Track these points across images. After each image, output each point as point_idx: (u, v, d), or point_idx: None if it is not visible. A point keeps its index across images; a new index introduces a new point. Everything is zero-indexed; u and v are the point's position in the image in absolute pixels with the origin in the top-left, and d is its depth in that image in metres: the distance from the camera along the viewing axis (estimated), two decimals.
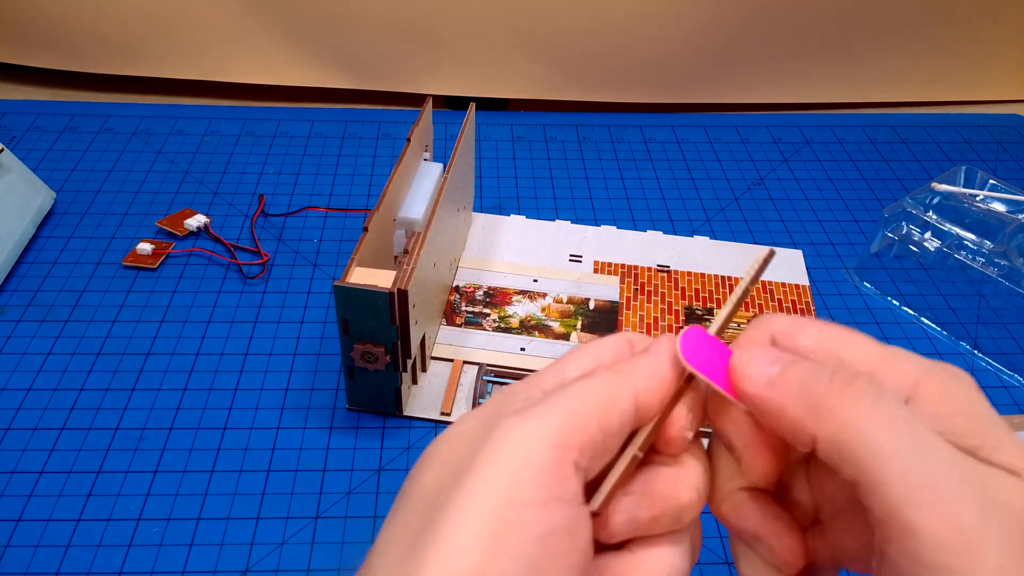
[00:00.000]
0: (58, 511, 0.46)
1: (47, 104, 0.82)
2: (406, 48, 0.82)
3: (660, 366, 0.25)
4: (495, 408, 0.25)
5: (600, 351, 0.27)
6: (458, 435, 0.24)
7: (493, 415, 0.24)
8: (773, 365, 0.24)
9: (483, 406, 0.26)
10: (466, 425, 0.25)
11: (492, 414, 0.24)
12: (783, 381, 0.24)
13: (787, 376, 0.24)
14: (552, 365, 0.27)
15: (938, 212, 0.59)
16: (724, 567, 0.44)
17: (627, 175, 0.75)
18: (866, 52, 0.85)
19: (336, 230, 0.67)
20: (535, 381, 0.26)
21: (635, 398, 0.24)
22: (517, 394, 0.25)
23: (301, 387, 0.54)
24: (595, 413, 0.23)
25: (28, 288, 0.60)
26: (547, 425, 0.23)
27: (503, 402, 0.25)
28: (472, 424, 0.25)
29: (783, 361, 0.24)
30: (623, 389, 0.24)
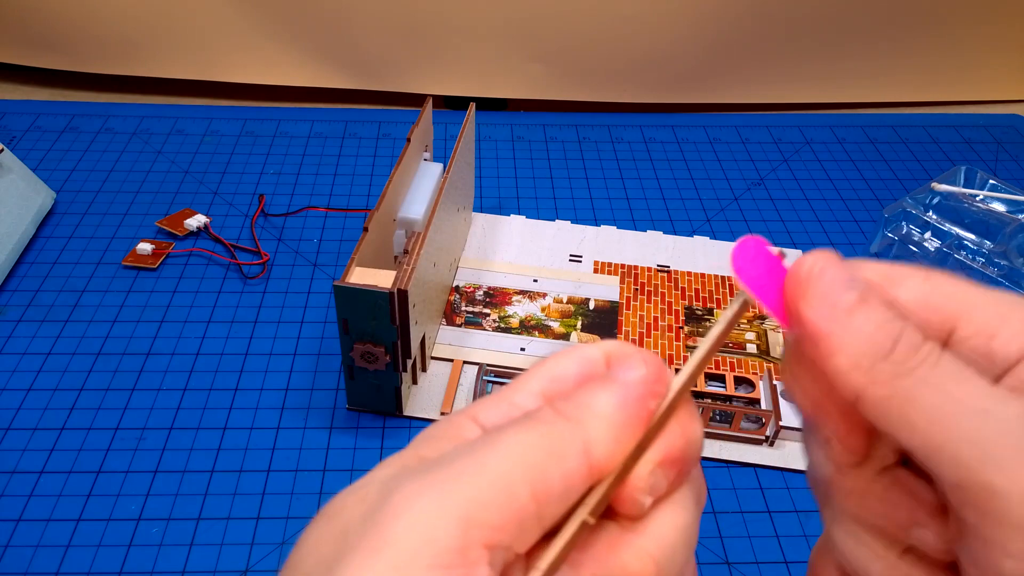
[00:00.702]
0: (58, 511, 0.46)
1: (47, 104, 0.82)
2: (406, 48, 0.82)
3: (622, 406, 0.20)
4: (405, 461, 0.20)
5: (561, 371, 0.22)
6: (352, 501, 0.20)
7: (400, 471, 0.20)
8: (847, 291, 0.20)
9: (398, 455, 0.21)
10: (364, 487, 0.20)
11: (400, 470, 0.20)
12: (849, 319, 0.19)
13: (853, 317, 0.19)
14: (504, 389, 0.22)
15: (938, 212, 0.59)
16: (724, 567, 0.44)
17: (627, 175, 0.75)
18: (866, 52, 0.85)
19: (336, 230, 0.67)
20: (471, 413, 0.21)
21: (586, 455, 0.19)
22: (438, 438, 0.21)
23: (301, 387, 0.54)
24: (525, 478, 0.18)
25: (28, 288, 0.60)
26: (453, 498, 0.18)
27: (420, 447, 0.21)
28: (372, 485, 0.20)
29: (854, 292, 0.20)
30: (569, 443, 0.19)
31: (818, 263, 0.20)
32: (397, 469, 0.20)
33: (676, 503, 0.21)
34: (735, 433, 0.50)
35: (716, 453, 0.50)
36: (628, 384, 0.20)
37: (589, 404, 0.20)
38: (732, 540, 0.46)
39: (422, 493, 0.18)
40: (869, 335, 0.19)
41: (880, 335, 0.19)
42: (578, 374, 0.22)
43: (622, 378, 0.20)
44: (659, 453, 0.20)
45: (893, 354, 0.19)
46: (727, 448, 0.50)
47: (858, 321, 0.19)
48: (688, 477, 0.21)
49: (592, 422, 0.19)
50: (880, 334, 0.19)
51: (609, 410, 0.20)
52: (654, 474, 0.20)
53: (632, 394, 0.20)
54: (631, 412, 0.20)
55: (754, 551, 0.45)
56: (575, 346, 0.22)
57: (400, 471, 0.20)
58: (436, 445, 0.20)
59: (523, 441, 0.19)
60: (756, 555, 0.45)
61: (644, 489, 0.20)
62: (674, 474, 0.20)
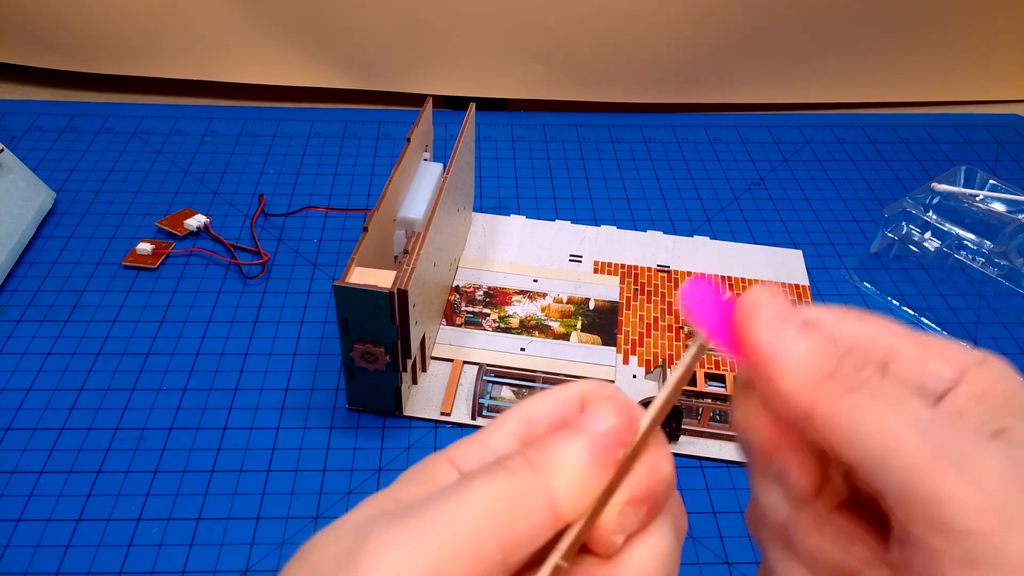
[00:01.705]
0: (58, 511, 0.46)
1: (47, 104, 0.82)
2: (406, 48, 0.82)
3: (590, 457, 0.20)
4: (381, 504, 0.21)
5: (536, 413, 0.22)
6: (326, 543, 0.20)
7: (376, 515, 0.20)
8: (787, 319, 0.21)
9: (375, 496, 0.21)
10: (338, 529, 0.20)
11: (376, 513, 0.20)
12: (793, 341, 0.21)
13: (801, 338, 0.21)
14: (481, 430, 0.23)
15: (938, 212, 0.59)
16: (724, 567, 0.44)
17: (627, 175, 0.75)
18: (866, 52, 0.85)
19: (336, 230, 0.67)
20: (449, 456, 0.22)
21: (551, 507, 0.20)
22: (415, 481, 0.22)
23: (301, 387, 0.54)
24: (492, 532, 0.19)
25: (28, 288, 0.60)
26: (423, 551, 0.19)
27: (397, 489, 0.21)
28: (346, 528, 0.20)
29: (798, 319, 0.21)
30: (535, 496, 0.20)
31: (763, 295, 0.21)
32: (373, 512, 0.20)
33: (652, 533, 0.21)
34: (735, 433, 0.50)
35: (716, 453, 0.50)
36: (597, 435, 0.21)
37: (557, 454, 0.20)
38: (732, 540, 0.46)
39: (394, 543, 0.19)
40: (815, 354, 0.21)
41: (825, 355, 0.21)
42: (552, 416, 0.22)
43: (591, 428, 0.21)
44: (627, 494, 0.21)
45: (839, 371, 0.20)
46: (727, 448, 0.50)
47: (804, 342, 0.21)
48: (662, 508, 0.22)
49: (559, 473, 0.20)
50: (825, 354, 0.21)
51: (576, 461, 0.20)
52: (623, 514, 0.20)
53: (600, 444, 0.20)
54: (598, 462, 0.20)
55: (754, 551, 0.45)
56: (552, 388, 0.23)
57: (376, 515, 0.20)
58: (412, 489, 0.21)
59: (491, 493, 0.20)
60: (756, 555, 0.45)
61: (614, 530, 0.20)
62: (645, 510, 0.21)
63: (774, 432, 0.22)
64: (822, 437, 0.20)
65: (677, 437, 0.50)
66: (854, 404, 0.20)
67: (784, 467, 0.22)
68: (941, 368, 0.22)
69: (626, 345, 0.57)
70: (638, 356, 0.56)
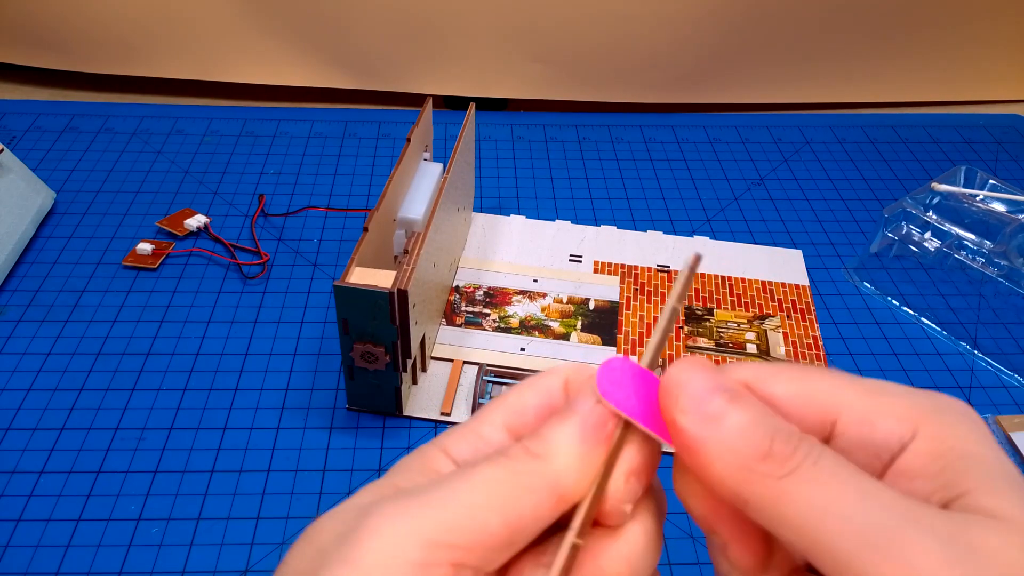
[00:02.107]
0: (58, 511, 0.46)
1: (47, 104, 0.82)
2: (406, 48, 0.82)
3: (583, 437, 0.21)
4: (382, 491, 0.22)
5: (522, 403, 0.23)
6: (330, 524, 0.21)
7: (377, 498, 0.21)
8: (713, 396, 0.20)
9: (375, 484, 0.22)
10: (342, 512, 0.21)
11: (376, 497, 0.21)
12: (721, 423, 0.20)
13: (726, 419, 0.20)
14: (470, 420, 0.23)
15: (938, 212, 0.59)
16: None
17: (627, 175, 0.75)
18: (866, 52, 0.85)
19: (336, 230, 0.67)
20: (442, 446, 0.23)
21: (555, 487, 0.20)
22: (413, 469, 0.22)
23: (301, 387, 0.54)
24: (496, 508, 0.20)
25: (28, 288, 0.60)
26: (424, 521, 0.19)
27: (395, 477, 0.22)
28: (349, 510, 0.21)
29: (726, 394, 0.20)
30: (536, 478, 0.20)
31: (684, 372, 0.21)
32: (374, 496, 0.21)
33: (642, 510, 0.22)
34: None
35: None
36: (586, 414, 0.21)
37: (552, 439, 0.21)
38: None
39: (395, 516, 0.20)
40: (745, 435, 0.20)
41: (756, 435, 0.20)
42: (538, 405, 0.23)
43: (580, 409, 0.21)
44: (628, 464, 0.21)
45: (771, 452, 0.19)
46: None
47: (730, 424, 0.20)
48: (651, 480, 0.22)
49: (557, 456, 0.21)
50: (756, 434, 0.20)
51: (571, 441, 0.21)
52: (629, 483, 0.21)
53: (590, 422, 0.21)
54: (592, 440, 0.21)
55: None
56: (535, 376, 0.24)
57: (377, 498, 0.21)
58: (410, 476, 0.22)
59: (495, 476, 0.20)
60: None
61: (623, 499, 0.21)
62: (645, 479, 0.22)
63: (712, 509, 0.21)
64: (758, 519, 0.20)
65: None
66: (787, 490, 0.19)
67: (725, 543, 0.22)
68: (892, 425, 0.20)
69: (626, 345, 0.57)
70: (638, 356, 0.56)
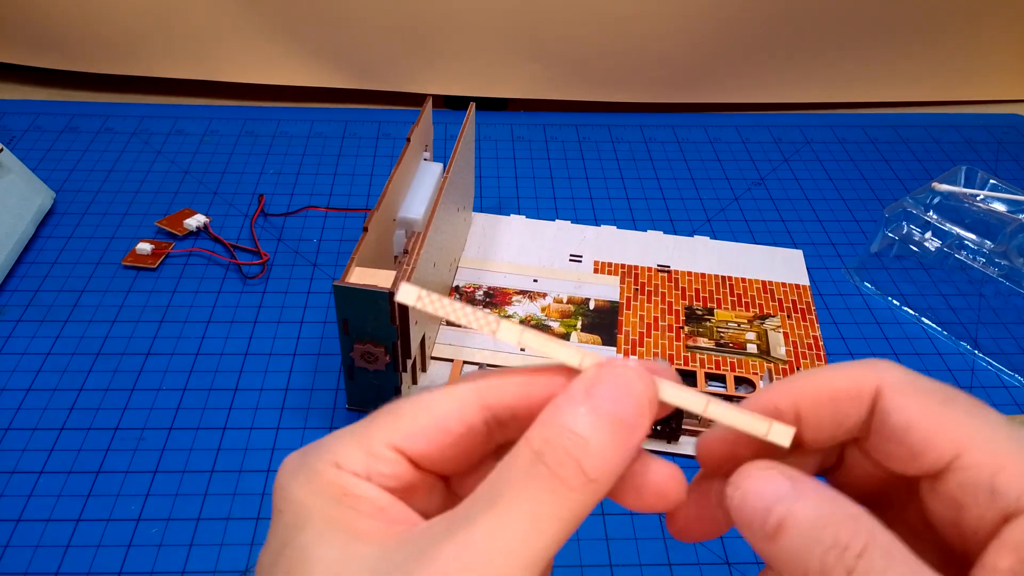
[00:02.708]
0: (58, 511, 0.46)
1: (47, 104, 0.82)
2: (406, 48, 0.82)
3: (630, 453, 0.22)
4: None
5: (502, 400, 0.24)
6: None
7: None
8: (767, 517, 0.20)
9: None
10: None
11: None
12: (783, 535, 0.20)
13: (787, 531, 0.20)
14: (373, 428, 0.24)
15: (938, 212, 0.59)
16: (724, 567, 0.44)
17: (627, 175, 0.75)
18: (866, 52, 0.85)
19: (336, 230, 0.67)
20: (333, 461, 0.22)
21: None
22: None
23: (301, 387, 0.54)
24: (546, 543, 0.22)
25: (28, 288, 0.60)
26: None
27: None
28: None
29: (779, 509, 0.20)
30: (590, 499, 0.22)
31: (741, 483, 0.21)
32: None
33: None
34: None
35: None
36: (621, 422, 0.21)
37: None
38: (732, 540, 0.46)
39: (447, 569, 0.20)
40: (810, 539, 0.19)
41: (815, 533, 0.19)
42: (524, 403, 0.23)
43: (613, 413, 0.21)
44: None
45: (836, 544, 0.19)
46: None
47: (792, 533, 0.20)
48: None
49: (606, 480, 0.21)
50: (815, 533, 0.19)
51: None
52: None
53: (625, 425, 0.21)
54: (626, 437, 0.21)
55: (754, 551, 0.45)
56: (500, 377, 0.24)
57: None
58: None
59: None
60: (756, 555, 0.45)
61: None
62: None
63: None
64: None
65: (677, 437, 0.50)
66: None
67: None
68: (1019, 472, 0.19)
69: (626, 345, 0.57)
70: (638, 356, 0.56)
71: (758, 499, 0.20)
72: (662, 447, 0.50)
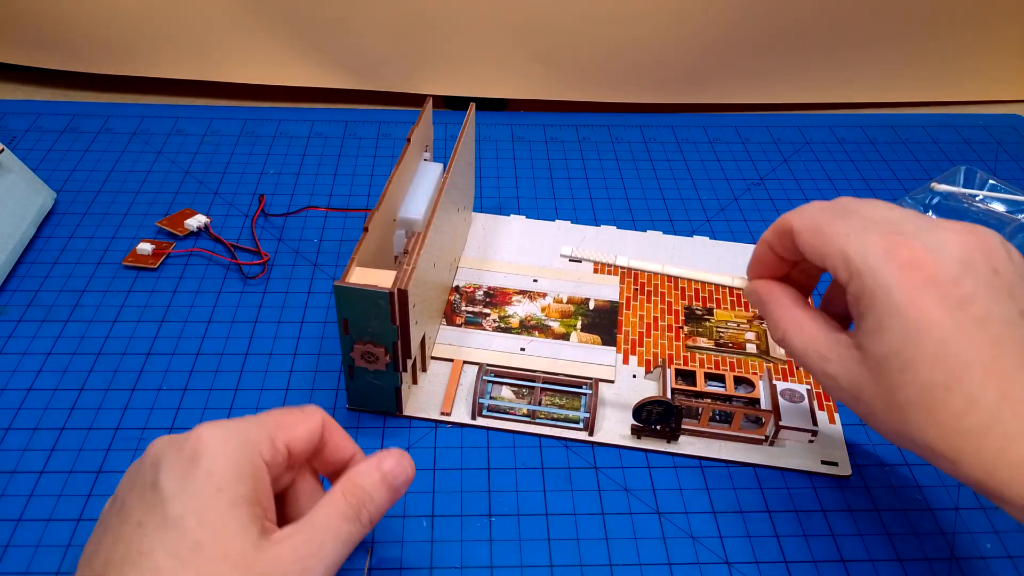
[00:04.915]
0: (59, 511, 0.46)
1: (47, 104, 0.82)
2: (406, 48, 0.82)
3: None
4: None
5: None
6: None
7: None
8: (753, 285, 0.44)
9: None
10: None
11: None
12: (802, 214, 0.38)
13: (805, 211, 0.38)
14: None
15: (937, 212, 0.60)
16: (724, 567, 0.44)
17: (627, 175, 0.76)
18: (866, 52, 0.85)
19: (336, 230, 0.67)
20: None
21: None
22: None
23: (302, 387, 0.54)
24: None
25: (29, 288, 0.60)
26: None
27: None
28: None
29: (755, 286, 0.44)
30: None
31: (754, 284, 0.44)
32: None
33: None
34: (735, 433, 0.50)
35: (716, 453, 0.50)
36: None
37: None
38: (731, 540, 0.46)
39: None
40: (812, 215, 0.38)
41: (818, 215, 0.38)
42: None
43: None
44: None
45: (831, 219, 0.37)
46: (727, 448, 0.50)
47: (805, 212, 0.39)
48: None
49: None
50: (751, 294, 0.44)
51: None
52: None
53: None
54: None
55: (754, 551, 0.45)
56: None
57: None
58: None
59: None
60: (756, 555, 0.45)
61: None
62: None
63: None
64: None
65: (677, 437, 0.50)
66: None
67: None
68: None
69: (626, 345, 0.57)
70: (638, 356, 0.56)
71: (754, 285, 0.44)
72: (662, 446, 0.50)
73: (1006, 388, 0.31)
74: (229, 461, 0.32)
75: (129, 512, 0.32)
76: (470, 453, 0.50)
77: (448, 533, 0.45)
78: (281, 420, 0.36)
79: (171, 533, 0.30)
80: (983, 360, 0.31)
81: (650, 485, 0.48)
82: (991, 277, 0.33)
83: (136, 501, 0.32)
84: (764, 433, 0.50)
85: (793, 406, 0.51)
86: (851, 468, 0.50)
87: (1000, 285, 0.33)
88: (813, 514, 0.47)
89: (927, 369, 0.32)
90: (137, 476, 0.33)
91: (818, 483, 0.49)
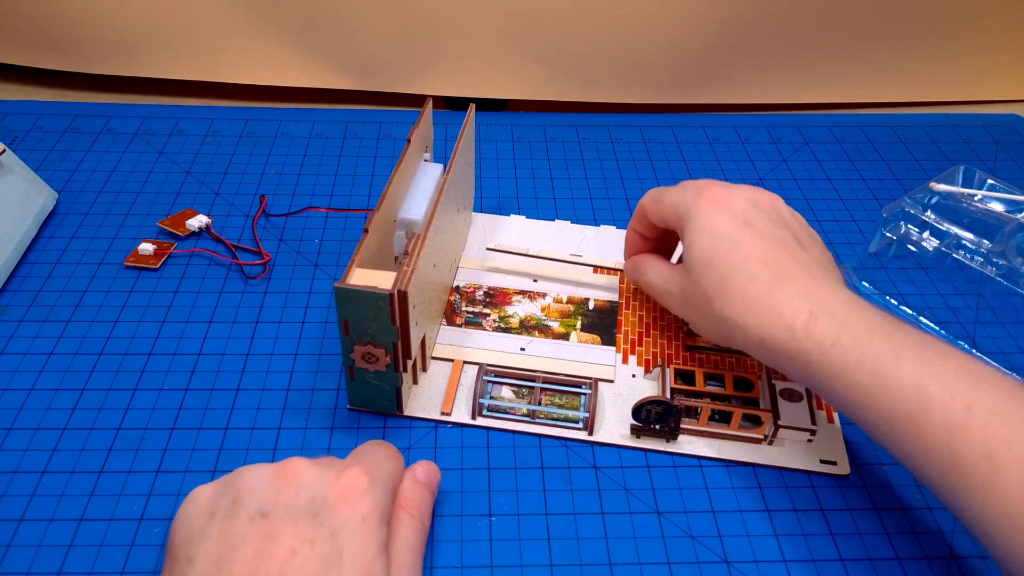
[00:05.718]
0: (60, 511, 0.46)
1: (49, 105, 0.82)
2: (406, 48, 0.82)
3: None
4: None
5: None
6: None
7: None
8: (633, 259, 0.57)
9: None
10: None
11: None
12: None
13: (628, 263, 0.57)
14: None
15: (936, 212, 0.60)
16: (723, 566, 0.45)
17: (627, 175, 0.76)
18: (866, 52, 0.86)
19: (337, 230, 0.67)
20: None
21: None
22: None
23: (302, 387, 0.54)
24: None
25: (30, 288, 0.60)
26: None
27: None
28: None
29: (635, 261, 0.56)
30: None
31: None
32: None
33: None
34: (734, 432, 0.51)
35: (715, 452, 0.50)
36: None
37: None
38: (731, 539, 0.46)
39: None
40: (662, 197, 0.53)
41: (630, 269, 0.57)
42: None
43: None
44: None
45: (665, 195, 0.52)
46: (726, 448, 0.51)
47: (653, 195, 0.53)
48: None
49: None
50: (630, 269, 0.58)
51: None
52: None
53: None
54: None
55: (753, 550, 0.45)
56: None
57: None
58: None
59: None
60: (755, 554, 0.45)
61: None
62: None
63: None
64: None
65: (676, 436, 0.51)
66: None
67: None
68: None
69: (625, 345, 0.57)
70: (637, 356, 0.57)
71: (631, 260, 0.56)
72: (661, 446, 0.50)
73: (777, 271, 0.44)
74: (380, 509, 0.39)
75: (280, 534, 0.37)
76: (470, 453, 0.50)
77: (448, 533, 0.46)
78: (395, 472, 0.42)
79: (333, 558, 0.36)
80: (760, 254, 0.45)
81: (649, 484, 0.49)
82: (772, 214, 0.48)
83: (287, 525, 0.37)
84: (763, 432, 0.51)
85: (792, 405, 0.51)
86: (850, 467, 0.50)
87: (778, 220, 0.48)
88: (812, 513, 0.47)
89: (722, 260, 0.45)
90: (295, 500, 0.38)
91: (817, 482, 0.49)
